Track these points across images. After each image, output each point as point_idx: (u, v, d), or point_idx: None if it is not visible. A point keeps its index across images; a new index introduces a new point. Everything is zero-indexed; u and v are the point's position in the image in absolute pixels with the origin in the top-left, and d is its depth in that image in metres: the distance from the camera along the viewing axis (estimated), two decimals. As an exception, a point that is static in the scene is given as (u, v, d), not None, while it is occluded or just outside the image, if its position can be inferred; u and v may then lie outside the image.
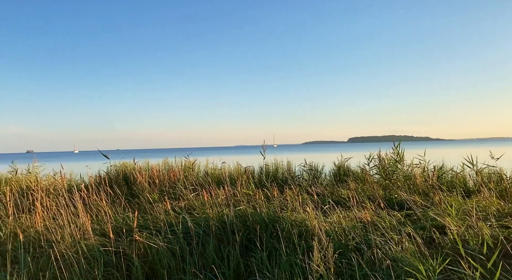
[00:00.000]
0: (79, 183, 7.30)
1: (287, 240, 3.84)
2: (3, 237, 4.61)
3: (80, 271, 3.66)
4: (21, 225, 4.87)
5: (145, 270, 3.82)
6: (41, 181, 7.52)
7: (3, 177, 8.04)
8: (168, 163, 8.74)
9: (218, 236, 4.44)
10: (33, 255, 4.08)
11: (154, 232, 4.40)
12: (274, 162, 8.10)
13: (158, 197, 6.23)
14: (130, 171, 7.84)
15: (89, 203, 5.59)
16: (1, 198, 6.09)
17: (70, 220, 4.78)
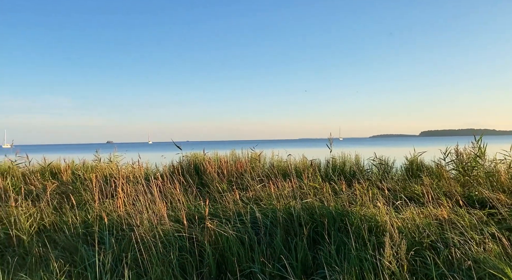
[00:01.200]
0: (154, 172, 7.79)
1: (356, 234, 3.76)
2: (91, 219, 5.09)
3: (158, 254, 3.92)
4: (105, 209, 5.33)
5: (216, 257, 3.99)
6: (121, 169, 8.15)
7: (89, 165, 8.84)
8: (235, 154, 8.97)
9: (285, 227, 4.49)
10: (116, 237, 4.45)
11: (224, 220, 4.56)
12: (341, 155, 7.94)
13: (226, 187, 6.43)
14: (200, 162, 8.18)
15: (164, 191, 5.95)
16: (88, 184, 6.71)
17: (148, 206, 5.13)
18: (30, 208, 5.28)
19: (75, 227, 4.85)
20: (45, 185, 6.66)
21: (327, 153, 8.12)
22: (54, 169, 8.30)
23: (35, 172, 7.91)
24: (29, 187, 6.56)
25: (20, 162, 9.12)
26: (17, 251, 4.42)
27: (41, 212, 5.25)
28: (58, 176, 7.92)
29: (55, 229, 4.96)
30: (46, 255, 4.16)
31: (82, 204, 5.70)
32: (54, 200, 5.79)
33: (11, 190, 5.91)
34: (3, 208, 5.31)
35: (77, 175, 7.63)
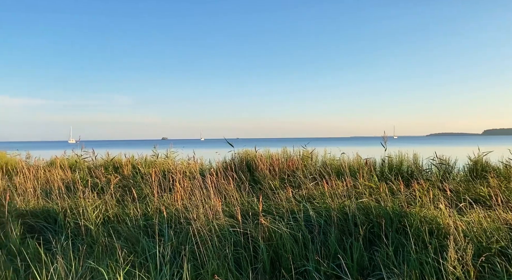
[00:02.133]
0: (208, 168, 8.00)
1: (415, 237, 3.61)
2: (151, 212, 5.34)
3: (213, 248, 4.04)
4: (164, 203, 5.57)
5: (270, 253, 4.02)
6: (177, 165, 8.47)
7: (148, 160, 9.27)
8: (287, 152, 8.97)
9: (340, 227, 4.42)
10: (175, 230, 4.64)
11: (277, 217, 4.59)
12: (398, 154, 7.65)
13: (278, 184, 6.45)
14: (252, 159, 8.27)
15: (218, 186, 6.09)
16: (147, 178, 7.05)
17: (203, 201, 5.29)
18: (96, 200, 5.65)
19: (136, 219, 5.12)
20: (108, 178, 7.09)
21: (381, 151, 7.86)
22: (116, 163, 8.82)
23: (100, 166, 8.45)
24: (95, 180, 7.02)
25: (86, 157, 9.79)
26: (85, 239, 4.76)
27: (105, 204, 5.60)
28: (120, 170, 8.40)
29: (118, 220, 5.27)
30: (111, 245, 4.44)
31: (142, 197, 6.00)
32: (117, 193, 6.15)
33: (79, 183, 6.37)
34: (72, 199, 5.74)
35: (137, 169, 8.04)
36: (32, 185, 6.59)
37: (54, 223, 5.30)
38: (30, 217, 5.36)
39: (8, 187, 6.75)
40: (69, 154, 10.73)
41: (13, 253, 4.19)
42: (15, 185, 6.87)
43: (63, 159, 9.57)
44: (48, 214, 5.49)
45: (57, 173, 7.82)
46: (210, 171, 6.74)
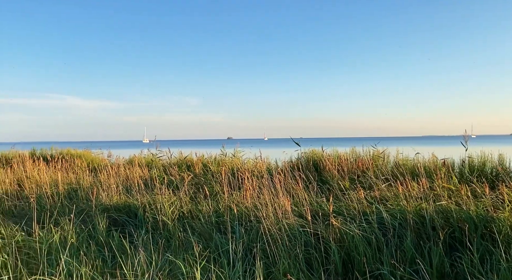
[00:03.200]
0: (275, 167, 8.06)
1: (506, 244, 3.31)
2: (222, 209, 5.52)
3: (284, 247, 4.06)
4: (234, 200, 5.72)
5: (342, 255, 3.95)
6: (244, 164, 8.65)
7: (217, 159, 9.59)
8: (356, 151, 8.72)
9: (416, 230, 4.20)
10: (245, 228, 4.75)
11: (348, 219, 4.49)
12: (480, 154, 7.06)
13: (348, 185, 6.30)
14: (319, 158, 8.18)
15: (286, 186, 6.11)
16: (217, 177, 7.30)
17: (272, 200, 5.34)
18: (171, 196, 5.97)
19: (209, 215, 5.32)
20: (182, 176, 7.46)
21: (459, 151, 7.33)
22: (188, 162, 9.24)
23: (173, 165, 8.92)
24: (169, 177, 7.42)
25: (160, 155, 10.38)
26: (163, 234, 5.05)
27: (180, 200, 5.89)
28: (191, 169, 8.79)
29: (192, 216, 5.52)
30: (186, 239, 4.67)
31: (213, 195, 6.21)
32: (190, 190, 6.44)
33: (156, 180, 6.78)
34: (150, 195, 6.12)
35: (207, 168, 8.35)
36: (114, 182, 7.15)
37: (135, 218, 5.70)
38: (113, 211, 5.81)
39: (94, 183, 7.39)
40: (145, 153, 11.45)
41: (100, 244, 4.58)
42: (100, 181, 7.50)
43: (140, 158, 10.25)
44: (129, 208, 5.91)
45: (136, 171, 8.40)
46: (277, 170, 6.79)
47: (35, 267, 3.90)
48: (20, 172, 8.77)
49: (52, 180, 7.81)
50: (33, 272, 3.73)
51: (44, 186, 7.18)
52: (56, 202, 6.36)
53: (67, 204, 6.21)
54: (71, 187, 7.45)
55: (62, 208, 5.93)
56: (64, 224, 4.81)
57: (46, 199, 6.56)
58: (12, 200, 6.58)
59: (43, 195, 6.67)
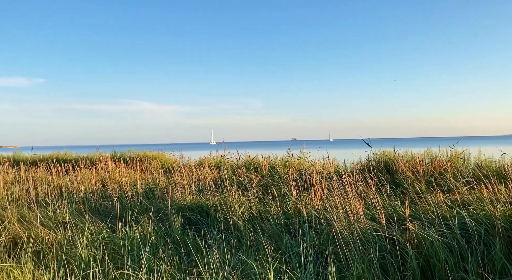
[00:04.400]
0: (343, 169, 7.86)
1: None
2: (290, 211, 5.51)
3: (357, 251, 3.94)
4: (302, 202, 5.68)
5: (420, 261, 3.73)
6: (312, 165, 8.55)
7: (283, 161, 9.60)
8: (431, 152, 8.20)
9: (506, 238, 3.83)
10: (315, 230, 4.69)
11: (426, 223, 4.23)
12: None
13: (425, 188, 5.94)
14: (391, 159, 7.82)
15: (355, 188, 5.93)
16: (284, 178, 7.31)
17: (342, 202, 5.22)
18: (240, 197, 6.09)
19: (278, 217, 5.34)
20: (250, 177, 7.58)
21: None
22: (255, 163, 9.37)
23: (241, 166, 9.10)
24: (238, 178, 7.59)
25: (228, 157, 10.66)
26: (234, 233, 5.17)
27: (249, 201, 5.99)
28: (258, 170, 8.90)
29: (261, 217, 5.58)
30: (256, 240, 4.73)
31: (281, 196, 6.22)
32: (258, 191, 6.52)
33: (226, 181, 6.98)
34: (221, 196, 6.30)
35: (274, 169, 8.40)
36: (187, 182, 7.48)
37: (207, 217, 5.90)
38: (187, 211, 6.08)
39: (169, 184, 7.81)
40: (214, 154, 11.83)
41: (176, 242, 4.81)
42: (174, 182, 7.90)
43: (209, 159, 10.62)
44: (201, 208, 6.14)
45: (206, 172, 8.71)
46: (346, 172, 6.62)
47: (119, 261, 4.21)
48: (103, 173, 9.54)
49: (131, 180, 8.39)
50: (118, 266, 4.03)
51: (125, 186, 7.73)
52: (135, 201, 6.81)
53: (145, 203, 6.62)
54: (148, 187, 7.93)
55: (141, 207, 6.33)
56: (144, 222, 5.12)
57: (127, 198, 7.06)
58: (98, 199, 7.18)
59: (124, 194, 7.18)
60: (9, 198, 7.09)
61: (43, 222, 5.42)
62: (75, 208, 6.36)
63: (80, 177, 8.72)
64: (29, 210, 6.22)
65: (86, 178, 8.75)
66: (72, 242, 4.55)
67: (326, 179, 6.59)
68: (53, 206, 6.23)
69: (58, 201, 6.65)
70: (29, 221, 5.53)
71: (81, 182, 8.32)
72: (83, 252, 4.15)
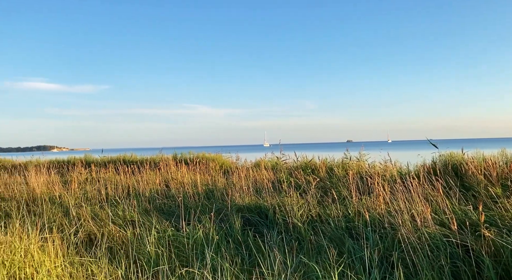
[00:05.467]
0: (407, 171, 7.51)
1: None
2: (351, 214, 5.37)
3: (425, 258, 3.74)
4: (363, 205, 5.51)
5: (498, 271, 3.45)
6: (372, 167, 8.27)
7: (341, 162, 9.38)
8: (506, 153, 7.57)
9: None
10: (379, 235, 4.52)
11: (505, 230, 3.90)
12: None
13: (501, 192, 5.50)
14: (460, 162, 7.33)
15: (422, 192, 5.64)
16: (343, 180, 7.15)
17: (407, 206, 4.99)
18: (299, 199, 6.06)
19: (338, 220, 5.23)
20: (307, 179, 7.51)
21: None
22: (312, 165, 9.27)
23: (297, 168, 9.05)
24: (295, 180, 7.55)
25: (284, 159, 10.65)
26: (293, 235, 5.15)
27: (308, 203, 5.93)
28: (316, 172, 8.79)
29: (321, 220, 5.50)
30: (317, 243, 4.67)
31: (341, 199, 6.09)
32: (317, 194, 6.44)
33: (283, 183, 6.98)
34: (279, 197, 6.31)
35: (333, 171, 8.25)
36: (245, 183, 7.59)
37: (266, 218, 5.94)
38: (246, 212, 6.16)
39: (228, 185, 7.97)
40: (269, 156, 11.88)
41: (237, 242, 4.89)
42: (232, 183, 8.05)
43: (265, 161, 10.69)
44: (260, 209, 6.19)
45: (263, 173, 8.78)
46: (410, 175, 6.32)
47: (184, 259, 4.37)
48: (166, 174, 9.98)
49: (192, 181, 8.68)
50: (184, 264, 4.18)
51: (186, 187, 8.02)
52: (197, 201, 7.03)
53: (206, 203, 6.81)
54: (208, 187, 8.16)
55: (202, 207, 6.52)
56: (205, 221, 5.28)
57: (188, 198, 7.32)
58: (162, 199, 7.51)
59: (186, 195, 7.45)
60: (83, 197, 7.65)
61: (113, 220, 5.78)
62: (141, 207, 6.70)
63: (145, 177, 9.18)
64: (100, 208, 6.67)
65: (151, 178, 9.20)
66: (140, 239, 4.80)
67: (389, 182, 6.34)
68: (122, 205, 6.63)
69: (126, 200, 7.06)
70: (101, 219, 5.93)
71: (146, 182, 8.76)
72: (151, 250, 4.37)
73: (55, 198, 7.76)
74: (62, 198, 7.66)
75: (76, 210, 6.41)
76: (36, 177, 9.71)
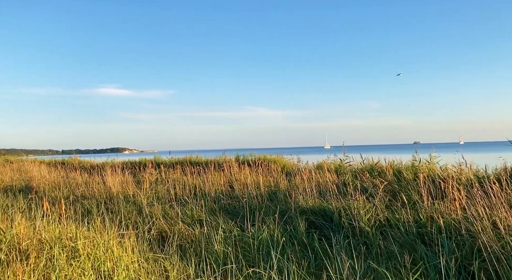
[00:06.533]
0: (487, 175, 6.93)
1: None
2: (423, 219, 5.08)
3: (511, 270, 3.42)
4: (436, 210, 5.18)
5: None
6: (445, 170, 7.76)
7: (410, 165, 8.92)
8: None
9: None
10: (455, 242, 4.22)
11: None
12: None
13: None
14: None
15: (505, 197, 5.17)
16: (413, 184, 6.78)
17: (487, 212, 4.60)
18: (365, 202, 5.86)
19: (409, 225, 4.97)
20: (373, 182, 7.25)
21: None
22: (378, 168, 8.92)
23: (363, 170, 8.77)
24: (361, 183, 7.32)
25: (348, 161, 10.37)
26: (360, 240, 4.99)
27: (375, 207, 5.72)
28: (382, 175, 8.45)
29: (390, 225, 5.27)
30: (387, 249, 4.48)
31: (411, 204, 5.79)
32: (385, 198, 6.18)
33: (348, 185, 6.80)
34: (344, 201, 6.16)
35: (401, 174, 7.87)
36: (308, 185, 7.52)
37: (330, 221, 5.82)
38: (310, 214, 6.09)
39: (291, 187, 7.95)
40: (332, 158, 11.64)
41: (302, 244, 4.85)
42: (295, 185, 8.02)
43: (328, 163, 10.49)
44: (324, 212, 6.09)
45: (326, 175, 8.63)
46: (490, 179, 5.82)
47: (251, 259, 4.43)
48: (229, 175, 10.21)
49: (255, 182, 8.79)
50: (250, 264, 4.24)
51: (250, 188, 8.14)
52: (260, 202, 7.11)
53: (269, 205, 6.85)
54: (271, 189, 8.20)
55: (266, 208, 6.57)
56: (270, 223, 5.31)
57: (252, 199, 7.42)
58: (226, 199, 7.70)
59: (249, 196, 7.56)
60: (154, 196, 8.09)
61: (183, 219, 6.03)
62: (208, 207, 6.92)
63: (210, 178, 9.48)
64: (170, 207, 7.00)
65: (216, 179, 9.48)
66: (208, 238, 4.96)
67: (465, 186, 5.90)
68: (190, 205, 6.90)
69: (193, 199, 7.34)
70: (171, 217, 6.22)
71: (211, 183, 9.04)
72: (218, 248, 4.49)
73: (129, 197, 8.29)
74: (135, 196, 8.16)
75: (148, 208, 6.79)
76: (112, 177, 10.47)
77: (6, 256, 3.51)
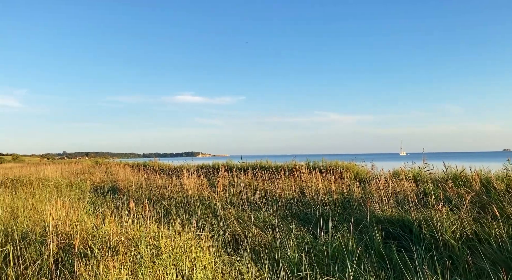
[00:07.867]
0: None
1: None
2: None
3: None
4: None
5: None
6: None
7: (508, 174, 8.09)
8: None
9: None
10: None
11: None
12: None
13: None
14: None
15: None
16: (508, 196, 6.14)
17: None
18: (450, 214, 5.43)
19: (502, 241, 4.51)
20: (458, 192, 6.70)
21: None
22: (463, 177, 8.23)
23: (445, 179, 8.15)
24: (444, 193, 6.81)
25: (428, 169, 9.72)
26: (444, 254, 4.63)
27: (460, 220, 5.28)
28: (467, 184, 7.77)
29: (478, 239, 4.83)
30: (476, 265, 4.10)
31: (504, 217, 5.25)
32: (473, 210, 5.68)
33: (429, 195, 6.36)
34: (425, 211, 5.77)
35: (491, 184, 7.17)
36: (384, 194, 7.18)
37: (409, 233, 5.49)
38: (387, 224, 5.80)
39: (365, 195, 7.66)
40: (409, 165, 11.01)
41: (379, 255, 4.63)
42: (370, 193, 7.70)
43: (406, 171, 9.93)
44: (402, 223, 5.76)
45: (403, 184, 8.17)
46: None
47: (324, 268, 4.33)
48: (300, 181, 10.15)
49: (327, 189, 8.62)
50: (324, 273, 4.14)
51: (321, 194, 8.00)
52: (332, 210, 6.95)
53: (342, 213, 6.67)
54: (343, 196, 7.98)
55: (339, 216, 6.40)
56: (344, 231, 5.15)
57: (324, 206, 7.28)
58: (297, 205, 7.65)
59: (321, 202, 7.43)
60: (228, 200, 8.32)
61: (255, 223, 6.11)
62: (279, 212, 6.94)
63: (281, 183, 9.50)
64: (243, 211, 7.14)
65: (286, 184, 9.47)
66: (280, 243, 4.95)
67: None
68: (262, 209, 6.97)
69: (264, 204, 7.41)
70: (244, 220, 6.34)
71: (282, 188, 9.05)
72: (291, 254, 4.46)
73: (204, 199, 8.62)
74: (210, 199, 8.47)
75: (222, 211, 7.00)
76: (188, 179, 10.99)
77: (99, 250, 3.84)
